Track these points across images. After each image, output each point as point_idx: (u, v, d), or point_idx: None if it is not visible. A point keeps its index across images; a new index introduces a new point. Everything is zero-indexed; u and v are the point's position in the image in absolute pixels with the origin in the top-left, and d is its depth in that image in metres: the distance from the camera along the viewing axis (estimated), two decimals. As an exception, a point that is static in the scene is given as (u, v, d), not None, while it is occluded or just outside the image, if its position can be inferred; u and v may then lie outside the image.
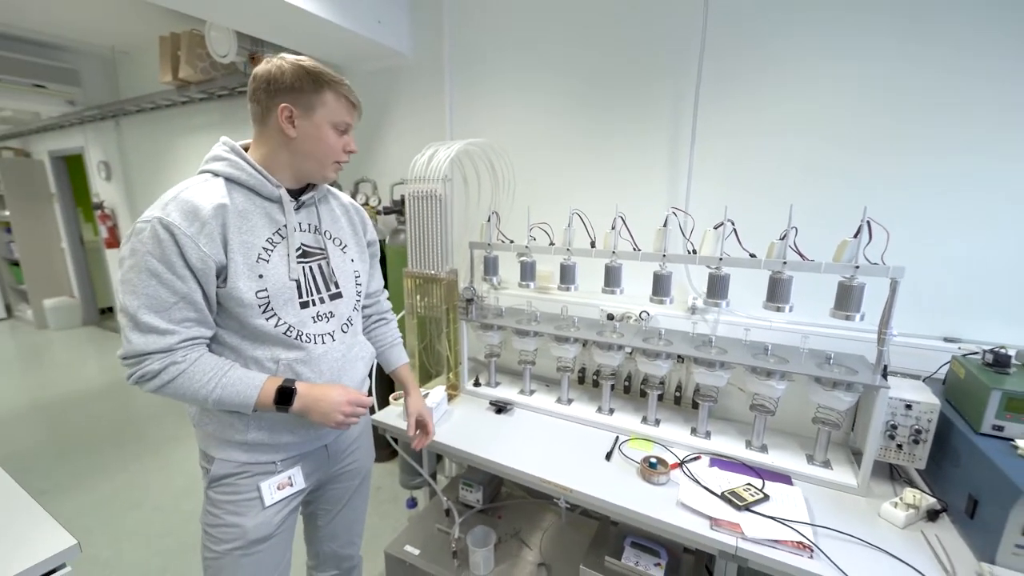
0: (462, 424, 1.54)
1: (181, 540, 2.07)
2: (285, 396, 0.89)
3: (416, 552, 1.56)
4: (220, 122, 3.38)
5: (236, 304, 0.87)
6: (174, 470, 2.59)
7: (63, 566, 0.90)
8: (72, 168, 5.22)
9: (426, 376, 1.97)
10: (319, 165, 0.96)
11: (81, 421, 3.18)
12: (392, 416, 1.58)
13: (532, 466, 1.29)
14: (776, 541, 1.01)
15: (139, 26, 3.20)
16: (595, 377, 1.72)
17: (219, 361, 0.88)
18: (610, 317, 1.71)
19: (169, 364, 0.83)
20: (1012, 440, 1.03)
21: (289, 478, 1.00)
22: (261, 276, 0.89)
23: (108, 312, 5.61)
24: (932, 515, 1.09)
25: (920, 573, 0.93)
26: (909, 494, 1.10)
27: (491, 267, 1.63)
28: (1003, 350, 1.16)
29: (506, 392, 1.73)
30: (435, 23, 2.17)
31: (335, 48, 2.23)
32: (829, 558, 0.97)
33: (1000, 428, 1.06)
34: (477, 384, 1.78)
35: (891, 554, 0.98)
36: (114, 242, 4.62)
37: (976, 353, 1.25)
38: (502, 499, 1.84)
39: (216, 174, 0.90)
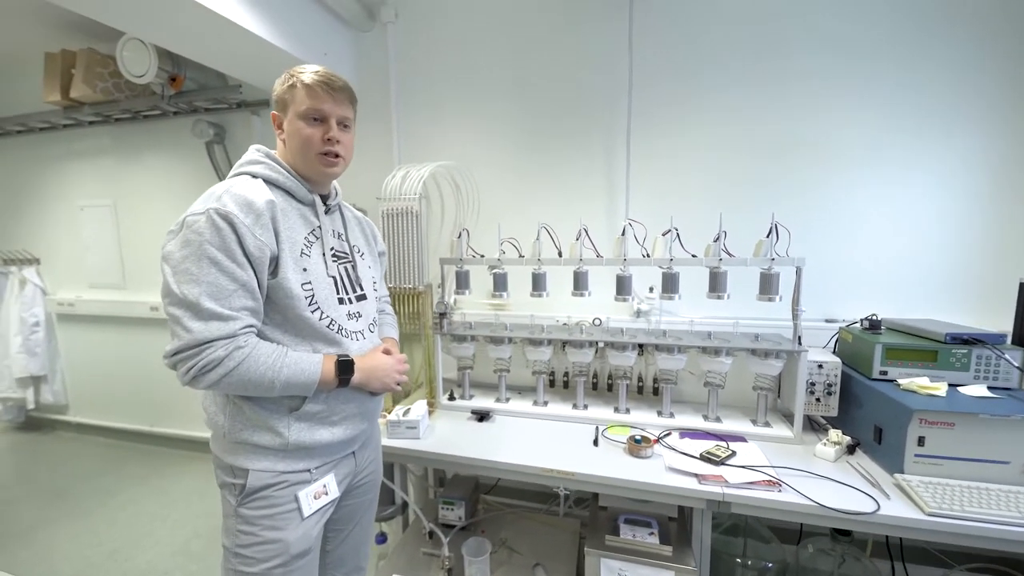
0: (449, 434, 1.55)
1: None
2: (346, 367, 0.92)
3: (406, 579, 1.48)
4: (112, 147, 3.02)
5: (285, 295, 0.88)
6: (60, 558, 2.08)
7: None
8: None
9: (397, 397, 1.92)
10: (304, 160, 0.95)
11: None
12: (372, 436, 1.52)
13: (533, 460, 1.35)
14: (752, 483, 1.20)
15: (6, 42, 2.79)
16: (565, 377, 1.84)
17: (276, 345, 0.88)
18: (564, 324, 1.86)
19: (234, 349, 0.80)
20: (894, 380, 1.37)
21: (324, 486, 0.96)
22: (305, 270, 0.92)
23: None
24: (850, 449, 1.37)
25: (858, 489, 1.18)
26: (833, 434, 1.38)
27: (463, 281, 1.70)
28: (874, 317, 1.54)
29: (482, 402, 1.77)
30: (380, 59, 2.27)
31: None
32: (793, 488, 1.18)
33: (885, 372, 1.40)
34: (451, 398, 1.79)
35: (833, 479, 1.23)
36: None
37: (856, 323, 1.62)
38: (480, 515, 1.83)
39: (255, 176, 0.92)
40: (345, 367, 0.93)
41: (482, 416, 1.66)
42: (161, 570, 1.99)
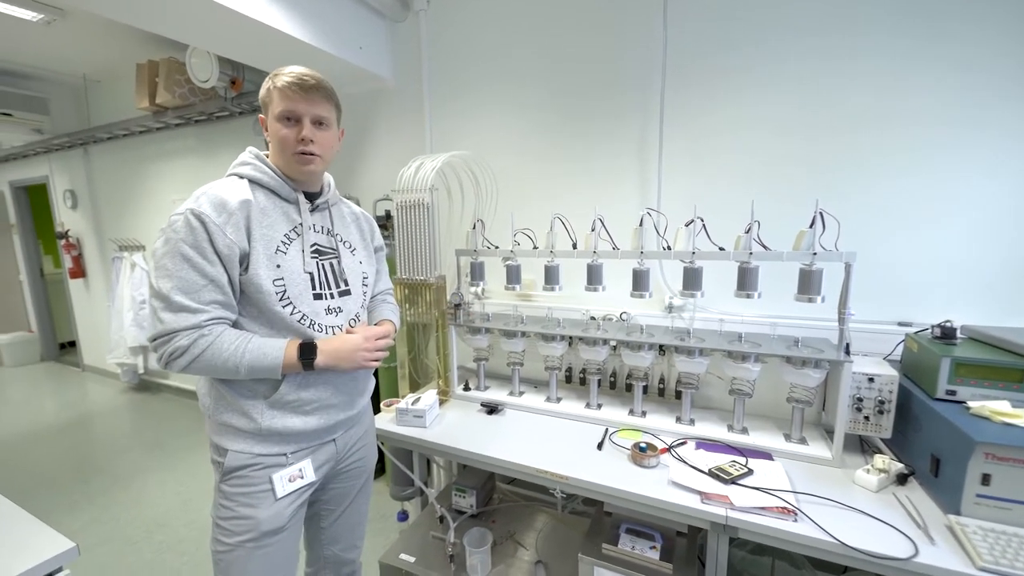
0: (455, 426, 1.56)
1: (157, 572, 1.96)
2: (308, 350, 0.95)
3: (412, 560, 1.54)
4: (196, 147, 3.38)
5: (256, 290, 0.92)
6: (146, 503, 2.45)
7: (60, 569, 0.87)
8: (33, 198, 5.06)
9: (415, 386, 1.98)
10: (283, 159, 0.99)
11: (38, 459, 2.99)
12: (383, 422, 1.58)
13: (528, 459, 1.32)
14: (763, 508, 1.07)
15: (113, 55, 3.21)
16: (582, 375, 1.77)
17: (241, 332, 0.93)
18: (592, 318, 1.78)
19: (198, 338, 0.87)
20: (964, 402, 1.13)
21: (300, 470, 1.01)
22: (279, 266, 0.95)
23: (69, 347, 5.34)
24: (901, 479, 1.17)
25: (896, 528, 1.00)
26: (879, 460, 1.18)
27: (477, 273, 1.68)
28: (948, 323, 1.28)
29: (496, 395, 1.76)
30: (414, 48, 2.28)
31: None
32: (812, 520, 1.03)
33: (953, 392, 1.16)
34: (467, 388, 1.80)
35: (868, 514, 1.05)
36: (79, 272, 4.45)
37: (927, 329, 1.37)
38: (495, 504, 1.84)
39: (242, 176, 0.98)
40: (307, 350, 0.95)
41: (491, 409, 1.65)
42: (221, 523, 2.26)
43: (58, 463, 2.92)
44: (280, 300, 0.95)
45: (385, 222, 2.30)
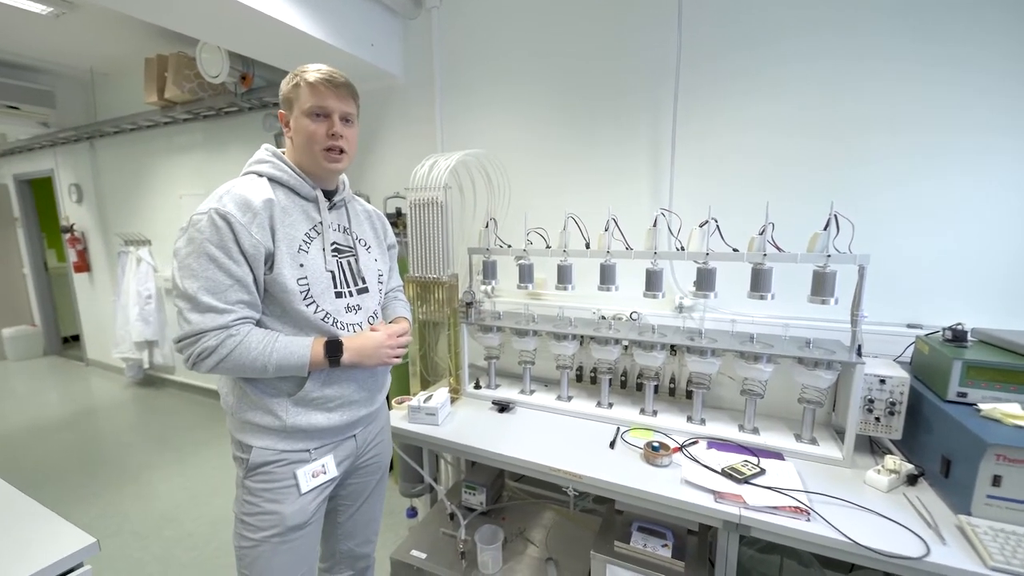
0: (467, 423, 1.57)
1: (165, 566, 1.97)
2: (334, 348, 0.96)
3: (423, 556, 1.55)
4: (203, 142, 3.38)
5: (280, 290, 0.93)
6: (153, 496, 2.47)
7: (81, 565, 0.88)
8: (38, 192, 5.05)
9: (424, 384, 1.99)
10: (310, 156, 0.98)
11: (43, 453, 3.00)
12: (394, 419, 1.59)
13: (541, 457, 1.33)
14: (775, 508, 1.08)
15: (121, 49, 3.21)
16: (593, 374, 1.79)
17: (267, 331, 0.94)
18: (603, 318, 1.79)
19: (226, 338, 0.88)
20: (975, 404, 1.15)
21: (323, 466, 1.02)
22: (302, 265, 0.96)
23: (72, 341, 5.34)
24: (912, 480, 1.19)
25: (907, 528, 1.02)
26: (890, 460, 1.19)
27: (490, 271, 1.69)
28: (960, 326, 1.30)
29: (507, 393, 1.77)
30: (425, 45, 2.28)
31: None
32: (824, 519, 1.05)
33: (964, 394, 1.18)
34: (478, 386, 1.81)
35: (879, 514, 1.07)
36: (83, 266, 4.45)
37: (938, 331, 1.38)
38: (504, 501, 1.85)
39: (261, 175, 0.98)
40: (334, 348, 0.96)
41: (503, 407, 1.66)
42: (227, 518, 2.27)
43: (64, 457, 2.93)
44: (304, 299, 0.95)
45: (395, 220, 2.30)
